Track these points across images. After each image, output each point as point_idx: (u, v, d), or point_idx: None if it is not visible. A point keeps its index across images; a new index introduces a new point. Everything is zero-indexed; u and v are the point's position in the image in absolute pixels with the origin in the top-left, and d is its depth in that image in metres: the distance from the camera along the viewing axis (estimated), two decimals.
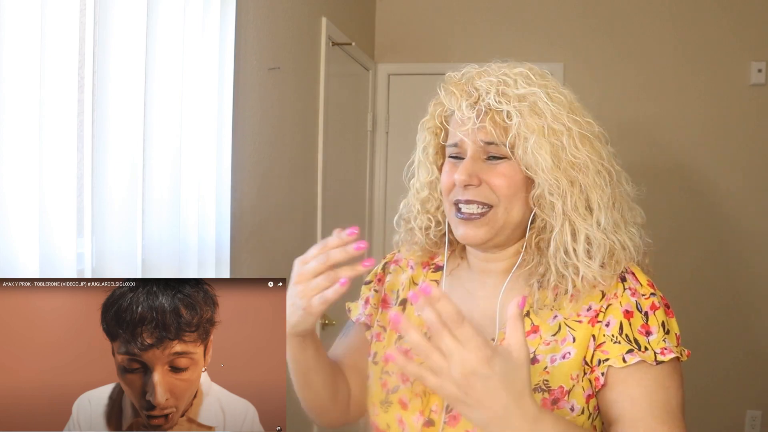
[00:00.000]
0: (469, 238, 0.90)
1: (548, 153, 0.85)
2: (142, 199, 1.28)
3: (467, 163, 0.88)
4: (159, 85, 1.33)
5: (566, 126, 0.86)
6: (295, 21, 2.16)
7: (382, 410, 0.95)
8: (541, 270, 0.89)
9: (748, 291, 3.01)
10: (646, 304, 0.86)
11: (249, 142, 1.84)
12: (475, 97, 0.88)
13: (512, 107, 0.85)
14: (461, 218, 0.90)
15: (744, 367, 3.01)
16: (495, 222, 0.89)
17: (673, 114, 3.00)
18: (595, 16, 3.05)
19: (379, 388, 0.97)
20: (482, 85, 0.88)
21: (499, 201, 0.88)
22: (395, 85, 3.27)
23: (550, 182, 0.85)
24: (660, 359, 0.82)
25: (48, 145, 1.04)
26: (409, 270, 1.05)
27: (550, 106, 0.86)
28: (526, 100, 0.86)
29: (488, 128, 0.86)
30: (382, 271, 1.09)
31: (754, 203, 2.98)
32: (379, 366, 0.99)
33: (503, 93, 0.86)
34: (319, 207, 2.44)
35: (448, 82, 0.93)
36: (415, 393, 0.92)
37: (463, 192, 0.89)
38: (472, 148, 0.89)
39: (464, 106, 0.88)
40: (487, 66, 0.92)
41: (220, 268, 1.60)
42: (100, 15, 1.16)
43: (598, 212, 0.87)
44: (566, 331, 0.88)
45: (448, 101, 0.91)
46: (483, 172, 0.88)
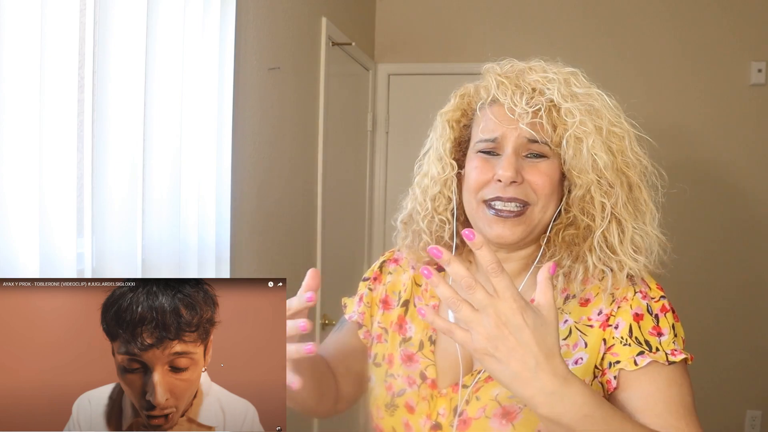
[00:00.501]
0: (505, 237, 0.87)
1: (605, 153, 0.84)
2: (142, 199, 1.28)
3: (512, 158, 0.86)
4: (159, 85, 1.33)
5: (624, 128, 0.86)
6: (295, 21, 2.16)
7: (387, 413, 0.94)
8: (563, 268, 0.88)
9: (749, 291, 3.01)
10: (656, 307, 0.86)
11: (249, 142, 1.84)
12: (529, 92, 0.86)
13: (574, 105, 0.84)
14: (496, 216, 0.87)
15: (744, 367, 3.01)
16: (531, 221, 0.87)
17: (673, 114, 3.00)
18: (595, 16, 3.05)
19: (384, 391, 0.95)
20: (539, 80, 0.86)
21: (537, 200, 0.87)
22: (395, 85, 3.27)
23: (602, 183, 0.85)
24: (671, 360, 0.81)
25: (48, 145, 1.04)
26: (410, 270, 1.04)
27: (608, 107, 0.86)
28: (586, 100, 0.85)
29: (542, 124, 0.85)
30: (380, 270, 1.07)
31: (755, 203, 2.98)
32: (383, 368, 0.98)
33: (568, 91, 0.85)
34: (319, 207, 2.44)
35: (494, 72, 0.90)
36: (422, 396, 0.91)
37: (504, 189, 0.86)
38: (515, 143, 0.87)
39: (517, 99, 0.86)
40: (533, 63, 0.90)
41: (220, 268, 1.60)
42: (100, 15, 1.16)
43: (645, 211, 0.88)
44: (577, 335, 0.87)
45: (499, 92, 0.88)
46: (524, 169, 0.87)
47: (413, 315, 0.99)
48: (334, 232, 2.65)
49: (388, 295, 1.04)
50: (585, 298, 0.89)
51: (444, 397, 0.90)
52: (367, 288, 1.06)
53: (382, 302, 1.04)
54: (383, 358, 0.99)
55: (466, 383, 0.89)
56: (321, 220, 2.45)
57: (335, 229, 2.67)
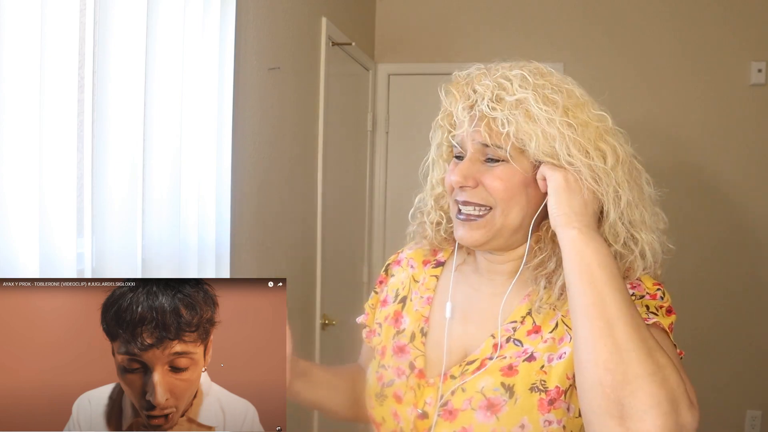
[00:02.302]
0: (465, 239, 0.90)
1: (548, 156, 0.83)
2: (142, 199, 1.28)
3: (463, 164, 0.89)
4: (159, 85, 1.33)
5: (559, 131, 0.82)
6: (295, 21, 2.16)
7: (377, 403, 0.97)
8: (552, 265, 0.88)
9: (749, 291, 3.01)
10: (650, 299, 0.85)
11: (249, 142, 1.84)
12: (473, 100, 0.87)
13: (506, 114, 0.83)
14: (460, 219, 0.90)
15: (744, 367, 3.01)
16: (492, 225, 0.88)
17: (672, 114, 3.00)
18: (595, 16, 3.05)
19: (375, 382, 0.98)
20: (479, 89, 0.87)
21: (496, 203, 0.88)
22: (395, 85, 3.27)
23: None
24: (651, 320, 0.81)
25: (48, 145, 1.04)
26: (409, 269, 1.07)
27: (542, 110, 0.83)
28: (520, 106, 0.84)
29: (483, 132, 0.86)
30: (385, 273, 1.11)
31: (755, 203, 2.99)
32: (376, 360, 1.01)
33: (498, 98, 0.84)
34: (319, 207, 2.44)
35: (451, 82, 0.93)
36: (409, 386, 0.94)
37: (459, 193, 0.89)
38: (473, 148, 0.89)
39: (459, 109, 0.88)
40: (492, 65, 0.90)
41: (220, 268, 1.60)
42: (100, 15, 1.16)
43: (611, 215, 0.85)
44: (563, 329, 0.88)
45: (447, 102, 0.91)
46: (480, 173, 0.88)
47: (409, 309, 1.02)
48: (334, 232, 2.65)
49: (388, 294, 1.07)
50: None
51: (432, 386, 0.92)
52: (374, 292, 1.11)
53: (382, 301, 1.08)
54: (378, 350, 1.02)
55: (453, 374, 0.91)
56: (321, 220, 2.45)
57: (335, 229, 2.67)
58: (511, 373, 0.86)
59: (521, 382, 0.85)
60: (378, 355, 1.01)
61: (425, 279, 1.03)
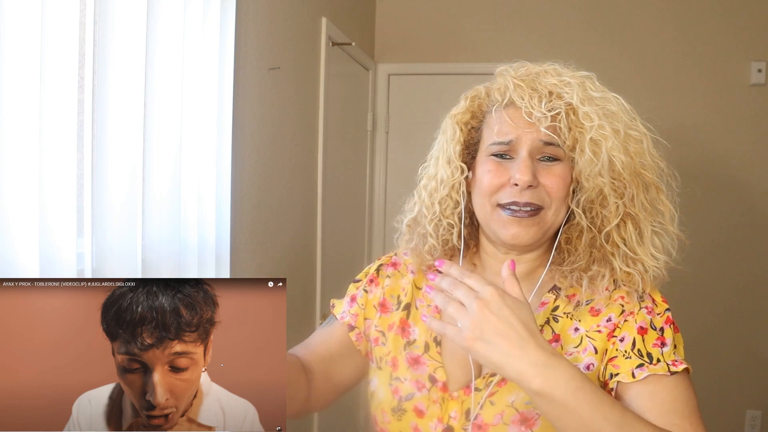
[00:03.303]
0: (520, 237, 0.87)
1: (624, 156, 0.85)
2: (142, 199, 1.28)
3: (528, 162, 0.86)
4: (159, 86, 1.33)
5: (641, 131, 0.87)
6: (295, 21, 2.16)
7: (394, 418, 0.93)
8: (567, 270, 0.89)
9: (749, 291, 3.01)
10: (660, 321, 0.86)
11: (249, 142, 1.84)
12: (546, 95, 0.86)
13: (592, 109, 0.85)
14: (512, 217, 0.87)
15: (744, 367, 3.01)
16: (545, 224, 0.88)
17: (673, 114, 3.01)
18: (595, 16, 3.05)
19: (389, 395, 0.94)
20: (556, 84, 0.87)
21: (551, 203, 0.87)
22: (395, 85, 3.27)
23: (616, 185, 0.85)
24: (673, 370, 0.81)
25: (48, 145, 1.04)
26: (409, 274, 1.03)
27: (624, 110, 0.87)
28: (603, 104, 0.86)
29: (559, 128, 0.85)
30: (376, 272, 1.06)
31: (755, 203, 2.99)
32: (386, 371, 0.96)
33: (585, 95, 0.86)
34: (319, 207, 2.44)
35: (510, 75, 0.90)
36: (432, 400, 0.90)
37: (521, 193, 0.86)
38: (530, 146, 0.87)
39: (535, 103, 0.86)
40: (546, 66, 0.91)
41: (220, 268, 1.60)
42: (100, 15, 1.16)
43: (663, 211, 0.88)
44: (587, 342, 0.87)
45: (516, 95, 0.88)
46: (538, 172, 0.87)
47: (416, 318, 0.98)
48: (334, 232, 2.65)
49: (386, 299, 1.02)
50: (596, 308, 0.89)
51: (455, 399, 0.89)
52: (362, 290, 1.04)
53: (380, 305, 1.02)
54: (386, 361, 0.97)
55: (478, 386, 0.88)
56: (321, 220, 2.45)
57: (335, 229, 2.67)
58: None
59: None
60: (388, 367, 0.96)
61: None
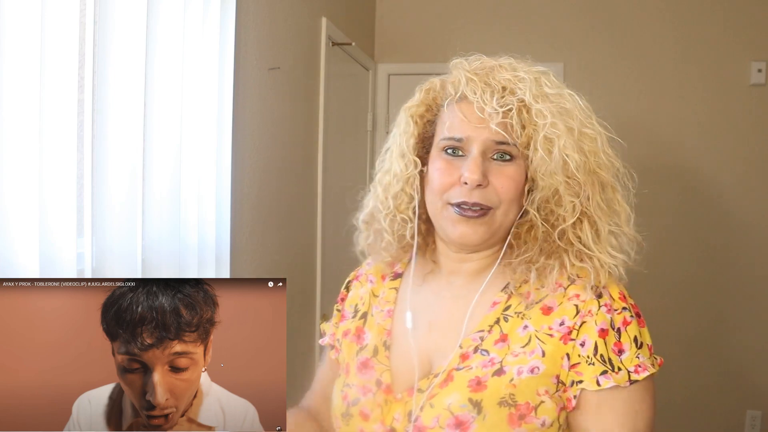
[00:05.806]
0: (468, 236, 0.84)
1: (577, 154, 0.82)
2: (142, 199, 1.28)
3: (478, 160, 0.82)
4: (159, 85, 1.33)
5: (596, 130, 0.84)
6: (295, 21, 2.16)
7: (343, 423, 0.92)
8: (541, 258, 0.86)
9: (749, 290, 3.01)
10: (618, 320, 0.82)
11: (249, 142, 1.84)
12: (499, 91, 0.83)
13: (545, 106, 0.81)
14: (460, 216, 0.84)
15: (744, 367, 3.01)
16: (493, 224, 0.85)
17: (672, 114, 3.00)
18: (595, 16, 3.05)
19: (340, 401, 0.93)
20: (510, 79, 0.83)
21: (500, 203, 0.84)
22: (395, 85, 3.27)
23: (571, 183, 0.82)
24: (634, 378, 0.80)
25: (48, 145, 1.04)
26: (368, 284, 1.03)
27: (579, 108, 0.84)
28: (557, 101, 0.82)
29: (512, 125, 0.82)
30: (346, 290, 1.07)
31: (754, 203, 2.98)
32: (341, 379, 0.96)
33: (539, 91, 0.82)
34: (319, 207, 2.44)
35: (463, 68, 0.87)
36: (377, 403, 0.89)
37: (470, 193, 0.83)
38: (483, 144, 0.83)
39: (487, 98, 0.82)
40: (501, 60, 0.87)
41: (220, 268, 1.60)
42: (100, 15, 1.16)
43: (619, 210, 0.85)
44: (536, 343, 0.83)
45: (468, 90, 0.84)
46: (490, 171, 0.83)
47: (371, 324, 0.97)
48: (334, 232, 2.65)
49: (345, 309, 1.03)
50: (548, 305, 0.85)
51: (399, 401, 0.87)
52: (336, 310, 1.07)
53: (342, 316, 1.04)
54: (343, 368, 0.97)
55: (421, 387, 0.86)
56: (321, 220, 2.45)
57: (335, 229, 2.67)
58: (479, 388, 0.82)
59: (489, 397, 0.81)
60: (343, 374, 0.96)
61: (384, 292, 0.99)
